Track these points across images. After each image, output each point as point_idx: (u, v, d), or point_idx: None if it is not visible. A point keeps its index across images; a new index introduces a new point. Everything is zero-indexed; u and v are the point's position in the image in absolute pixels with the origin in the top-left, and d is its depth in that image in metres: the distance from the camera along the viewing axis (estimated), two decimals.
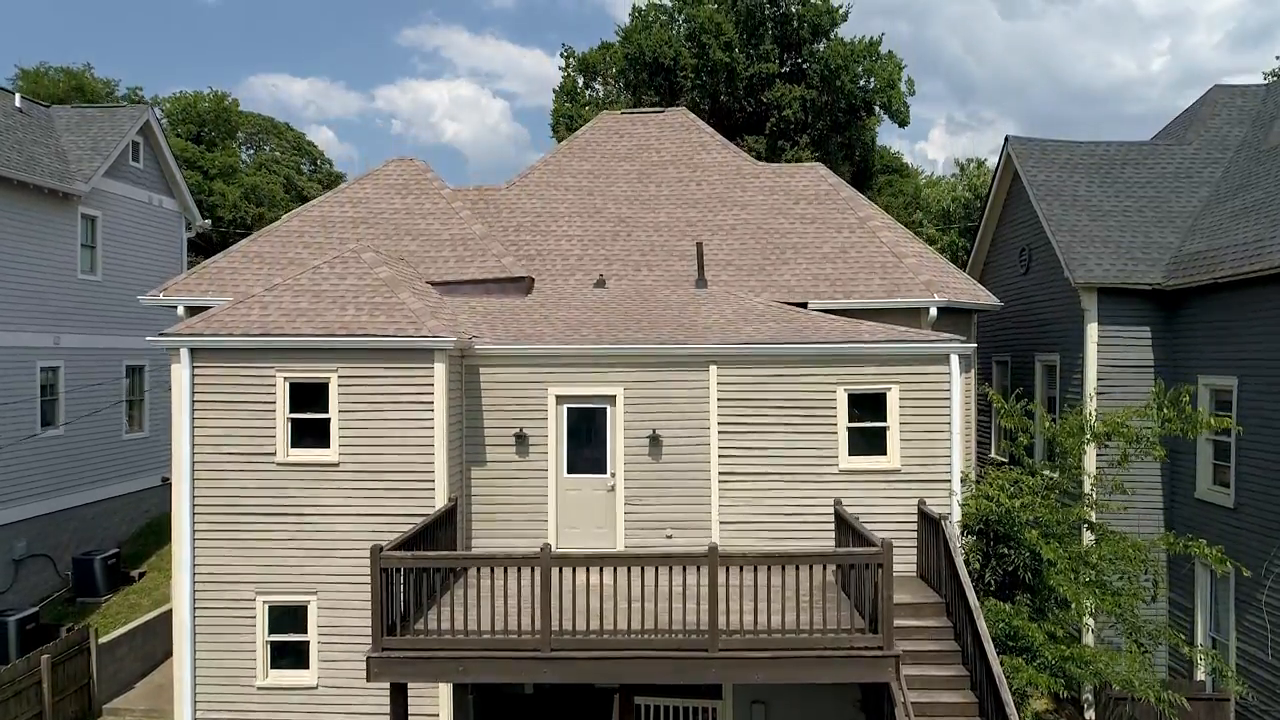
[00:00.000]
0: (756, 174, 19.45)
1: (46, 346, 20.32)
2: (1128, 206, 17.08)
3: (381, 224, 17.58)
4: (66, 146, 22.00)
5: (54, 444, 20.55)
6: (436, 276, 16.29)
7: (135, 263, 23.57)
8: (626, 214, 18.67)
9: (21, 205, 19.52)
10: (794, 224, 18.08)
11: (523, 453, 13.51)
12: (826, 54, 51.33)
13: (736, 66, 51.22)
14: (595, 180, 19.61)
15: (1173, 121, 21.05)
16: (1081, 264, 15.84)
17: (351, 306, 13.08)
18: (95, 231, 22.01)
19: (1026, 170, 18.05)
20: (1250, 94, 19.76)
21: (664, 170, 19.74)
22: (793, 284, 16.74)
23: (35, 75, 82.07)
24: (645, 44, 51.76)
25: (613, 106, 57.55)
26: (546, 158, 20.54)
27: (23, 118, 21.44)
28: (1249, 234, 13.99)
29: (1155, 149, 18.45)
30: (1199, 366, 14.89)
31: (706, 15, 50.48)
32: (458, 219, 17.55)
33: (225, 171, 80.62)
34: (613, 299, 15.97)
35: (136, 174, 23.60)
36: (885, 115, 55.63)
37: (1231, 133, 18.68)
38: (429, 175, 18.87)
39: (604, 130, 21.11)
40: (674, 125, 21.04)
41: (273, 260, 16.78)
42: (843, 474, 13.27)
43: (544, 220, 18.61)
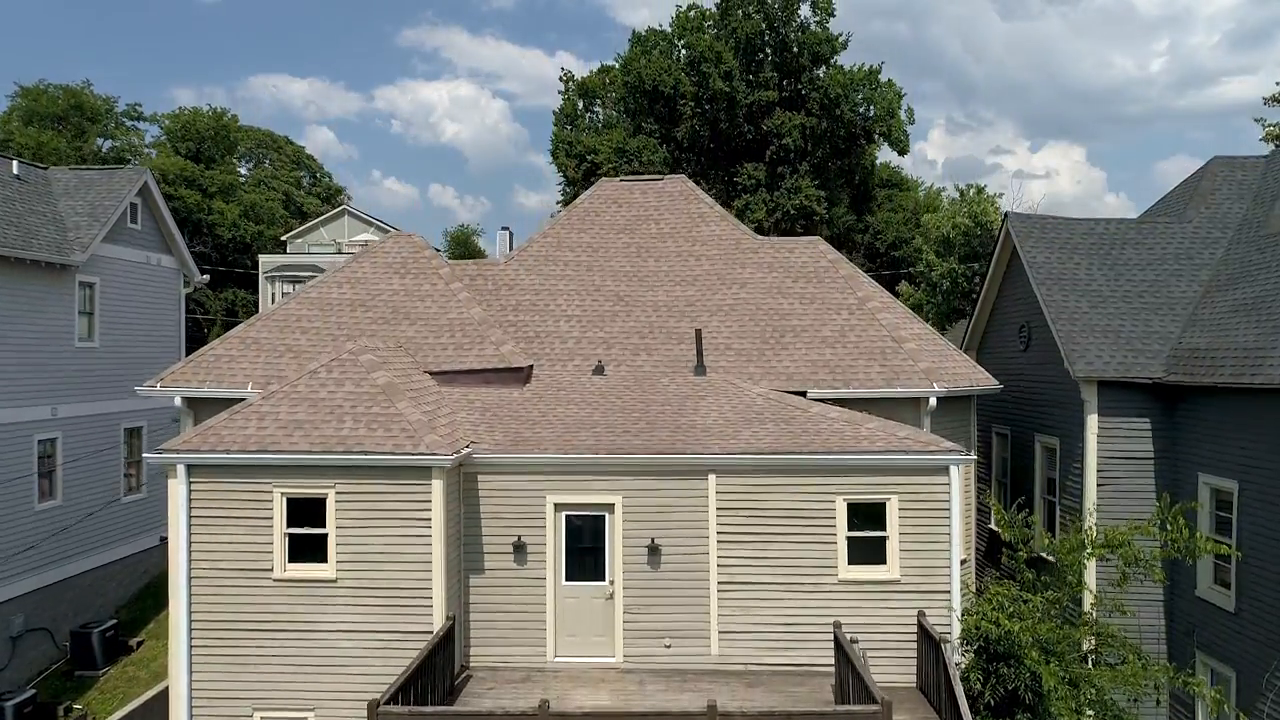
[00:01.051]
0: (756, 249, 19.40)
1: (44, 418, 20.27)
2: (1128, 291, 17.04)
3: (380, 306, 17.53)
4: (64, 212, 21.96)
5: (52, 516, 20.50)
6: (435, 366, 16.25)
7: (134, 324, 23.53)
8: (625, 291, 18.62)
9: (19, 279, 19.47)
10: (793, 304, 18.03)
11: (521, 561, 13.46)
12: (826, 82, 51.35)
13: (736, 95, 51.25)
14: (594, 254, 19.56)
15: (1174, 191, 21.02)
16: (1082, 355, 15.80)
17: (349, 419, 13.02)
18: (93, 298, 21.96)
19: (1026, 251, 18.00)
20: (1250, 167, 19.72)
21: (663, 243, 19.69)
22: (792, 371, 16.70)
23: (35, 92, 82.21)
24: (645, 72, 51.83)
25: (612, 131, 57.51)
26: (546, 229, 20.49)
27: (20, 185, 21.39)
28: (1249, 337, 13.95)
29: (1155, 228, 18.40)
30: (1199, 463, 14.84)
31: (706, 44, 50.51)
32: (456, 302, 17.50)
33: (225, 189, 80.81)
34: (611, 389, 15.92)
35: (134, 236, 23.55)
36: (885, 143, 55.69)
37: (1232, 209, 18.64)
38: (427, 253, 18.84)
39: (603, 199, 21.06)
40: (673, 194, 20.99)
41: (270, 347, 16.73)
42: (842, 584, 13.23)
43: (543, 298, 18.56)
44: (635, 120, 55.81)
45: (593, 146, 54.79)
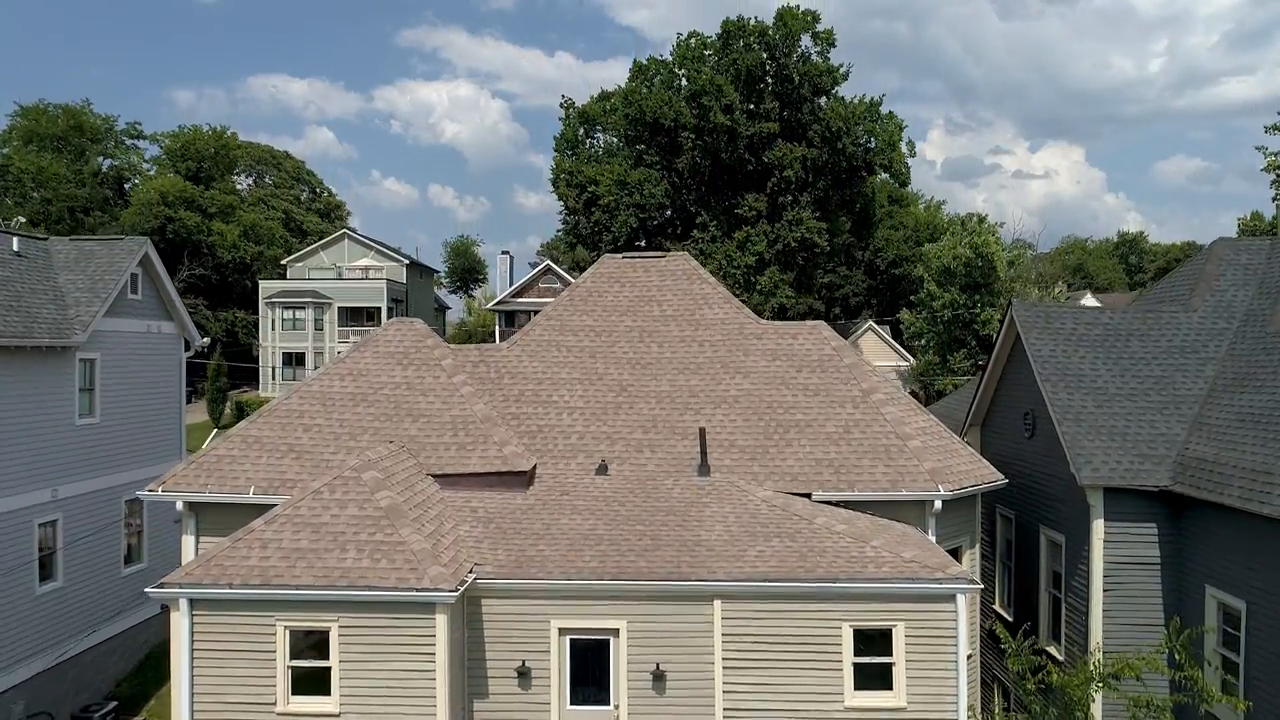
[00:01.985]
0: (759, 334, 19.33)
1: (44, 502, 20.19)
2: (1133, 389, 16.96)
3: (382, 401, 17.45)
4: (64, 287, 21.88)
5: (53, 599, 20.42)
6: (438, 468, 16.18)
7: (134, 395, 23.45)
8: (629, 380, 18.55)
9: (19, 365, 19.39)
10: (797, 396, 17.96)
11: (525, 686, 13.39)
12: (828, 115, 51.33)
13: (737, 126, 51.23)
14: (597, 339, 19.49)
15: (1179, 271, 20.95)
16: (1088, 461, 15.72)
17: (352, 547, 12.95)
18: (93, 374, 21.88)
19: (1031, 344, 17.94)
20: (1254, 250, 19.65)
21: (666, 327, 19.62)
22: (796, 471, 16.62)
23: (35, 112, 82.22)
24: (646, 105, 51.84)
25: (613, 161, 57.45)
26: (548, 310, 20.40)
27: (20, 263, 21.31)
28: (1256, 456, 13.87)
29: (1160, 318, 18.34)
30: (1206, 575, 14.77)
31: (707, 78, 50.48)
32: (458, 397, 17.43)
33: (224, 210, 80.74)
34: (615, 493, 15.85)
35: (135, 306, 23.47)
36: (886, 174, 55.66)
37: (1237, 296, 18.57)
38: (429, 342, 18.76)
39: (605, 278, 20.97)
40: (675, 273, 20.91)
41: (272, 447, 16.65)
42: (848, 710, 13.16)
43: (545, 388, 18.49)
44: (636, 150, 55.84)
45: (593, 177, 54.82)
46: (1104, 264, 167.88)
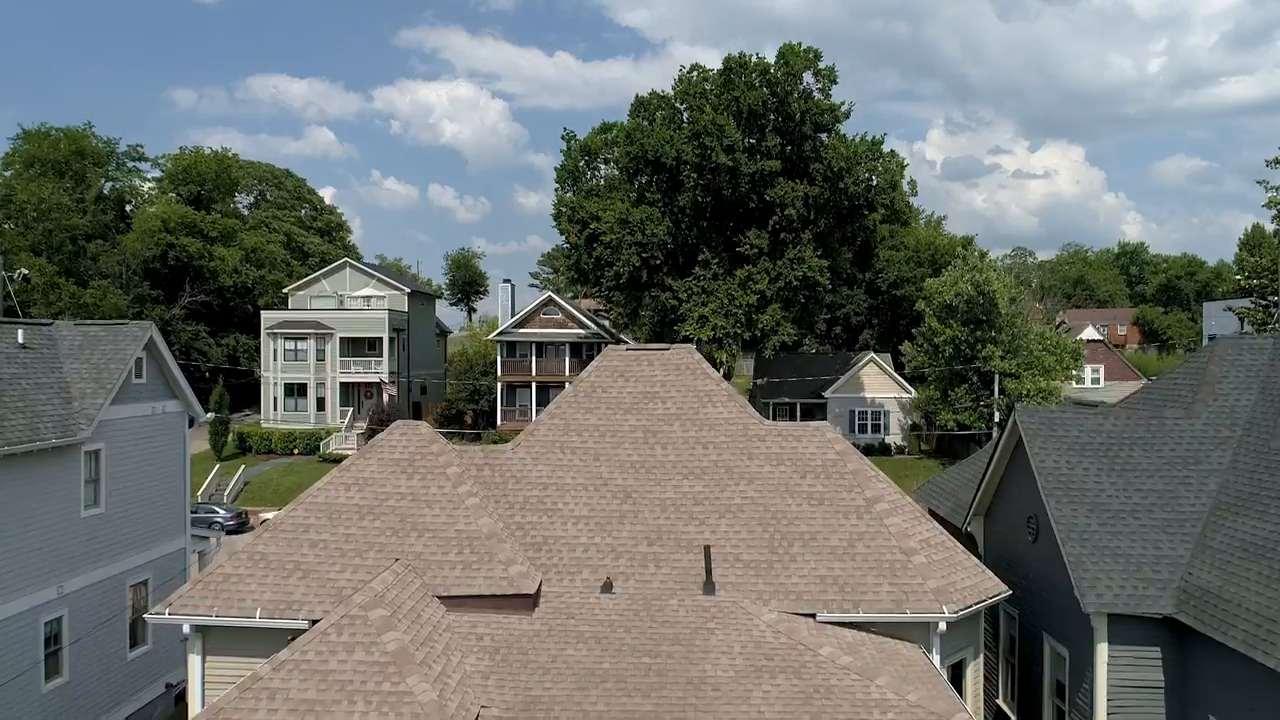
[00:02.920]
0: (763, 435, 19.39)
1: (50, 600, 20.25)
2: (1137, 504, 17.01)
3: (387, 514, 17.50)
4: (70, 376, 21.94)
5: (58, 696, 20.47)
6: (444, 589, 16.23)
7: (140, 478, 23.52)
8: (633, 486, 18.60)
9: (25, 467, 19.44)
10: (801, 505, 18.02)
11: None
12: (829, 154, 51.38)
13: (739, 165, 51.28)
14: (602, 440, 19.53)
15: (1182, 368, 21.03)
16: (1092, 586, 15.78)
17: (360, 699, 12.99)
18: (99, 463, 21.95)
19: (1034, 454, 17.99)
20: (1258, 349, 19.71)
21: (670, 427, 19.68)
22: (801, 590, 16.67)
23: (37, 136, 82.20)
24: (647, 143, 51.93)
25: (614, 193, 57.51)
26: (552, 409, 20.46)
27: (25, 355, 21.36)
28: (1260, 599, 13.92)
29: (1163, 425, 18.39)
30: (1210, 705, 14.83)
31: (709, 118, 50.53)
32: (464, 511, 17.48)
33: (225, 234, 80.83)
34: (621, 617, 15.91)
35: (139, 390, 23.54)
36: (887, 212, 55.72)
37: (1240, 401, 18.63)
38: (434, 448, 18.80)
39: (609, 371, 21.02)
40: (679, 367, 20.96)
41: (278, 565, 16.70)
42: None
43: (551, 494, 18.54)
44: (638, 185, 55.92)
45: (595, 213, 54.90)
46: (1105, 275, 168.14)
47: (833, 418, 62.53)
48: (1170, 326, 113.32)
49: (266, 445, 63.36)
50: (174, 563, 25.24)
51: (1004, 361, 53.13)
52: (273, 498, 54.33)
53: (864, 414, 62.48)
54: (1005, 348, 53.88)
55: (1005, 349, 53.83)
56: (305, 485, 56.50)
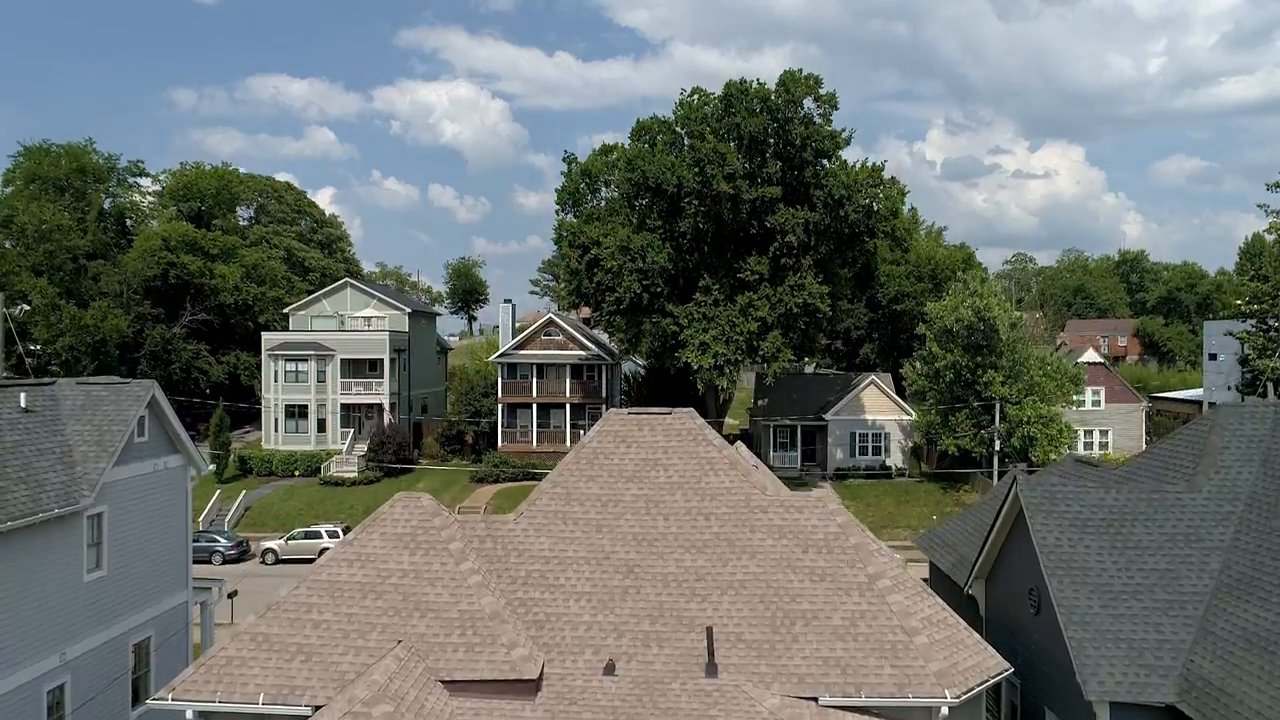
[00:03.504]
0: (765, 507, 19.39)
1: (52, 668, 20.26)
2: (1139, 584, 17.03)
3: (389, 592, 17.52)
4: (72, 439, 21.96)
5: None
6: (446, 672, 16.26)
7: (142, 536, 23.53)
8: (635, 560, 18.61)
9: (26, 538, 19.45)
10: (804, 581, 18.03)
11: None
12: (829, 181, 51.40)
13: (740, 192, 51.31)
14: (604, 510, 19.55)
15: (1184, 434, 21.01)
16: (1094, 674, 15.80)
17: None
18: (101, 527, 21.95)
19: (1036, 530, 18.01)
20: (1259, 418, 19.73)
21: (672, 496, 19.69)
22: (803, 672, 16.68)
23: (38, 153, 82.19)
24: (649, 170, 51.98)
25: (614, 218, 57.55)
26: (554, 476, 20.47)
27: (27, 420, 21.38)
28: (1263, 698, 13.93)
29: (1165, 500, 18.39)
30: None
31: (710, 145, 50.55)
32: (466, 589, 17.50)
33: (226, 251, 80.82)
34: (624, 703, 15.92)
35: (141, 449, 23.55)
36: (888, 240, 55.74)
37: (1242, 474, 18.65)
38: (435, 522, 18.81)
39: (611, 436, 21.04)
40: (680, 433, 20.97)
41: (281, 647, 16.73)
42: None
43: (553, 569, 18.55)
44: (638, 211, 55.96)
45: (596, 238, 54.94)
46: (1105, 283, 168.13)
47: (833, 440, 62.59)
48: (1171, 339, 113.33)
49: (267, 467, 63.36)
50: (176, 617, 25.25)
51: (1004, 387, 53.13)
52: (273, 523, 54.37)
53: (864, 436, 62.48)
54: (1006, 373, 53.89)
55: (1006, 374, 53.84)
56: (305, 510, 56.58)
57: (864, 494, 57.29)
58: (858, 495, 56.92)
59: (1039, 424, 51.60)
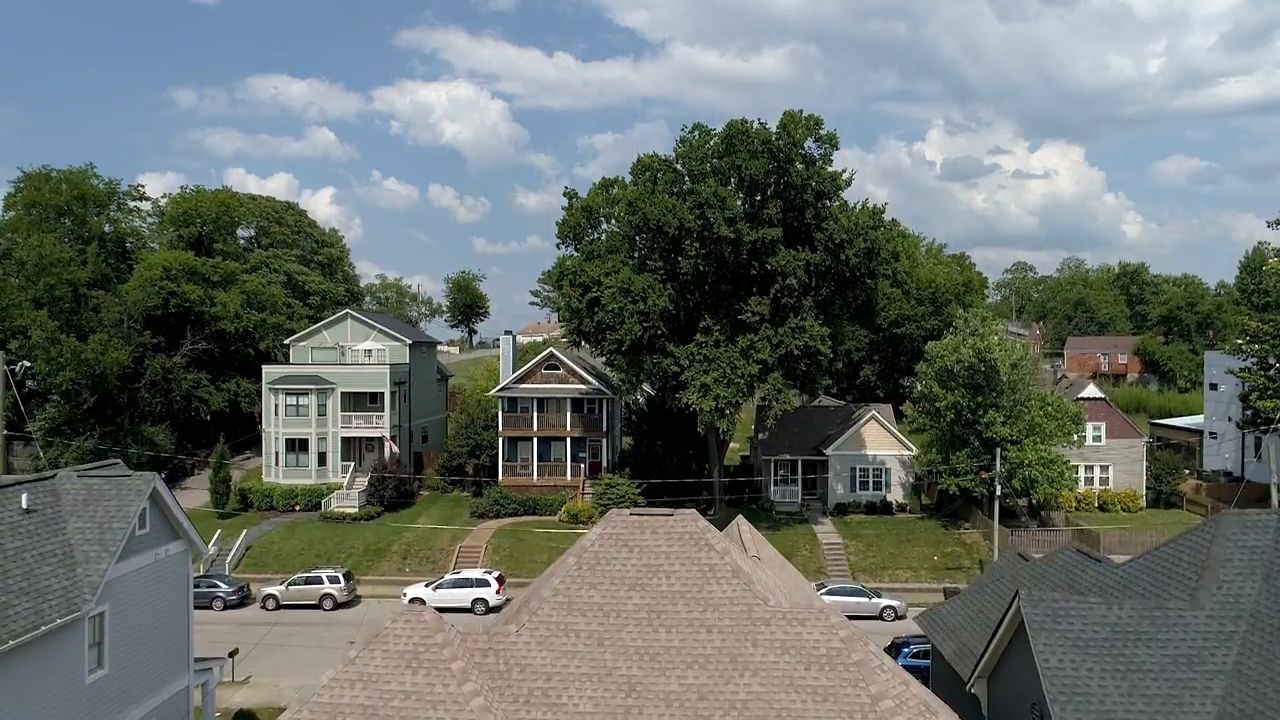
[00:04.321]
0: (767, 619, 19.37)
1: None
2: (1141, 711, 17.02)
3: (391, 716, 17.50)
4: (73, 538, 21.95)
5: None
6: None
7: (143, 628, 23.52)
8: (638, 678, 18.59)
9: (26, 650, 19.43)
10: (806, 702, 17.99)
11: None
12: (830, 226, 51.39)
13: (740, 234, 51.32)
14: (605, 620, 19.53)
15: (1186, 540, 20.99)
16: None
17: None
18: (102, 625, 21.94)
19: (1039, 650, 18.00)
20: (1261, 528, 19.74)
21: (674, 607, 19.67)
22: None
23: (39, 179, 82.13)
24: (650, 213, 51.98)
25: (615, 255, 57.48)
26: (556, 584, 20.43)
27: (29, 522, 21.37)
28: None
29: (1168, 618, 18.38)
30: None
31: (711, 190, 50.55)
32: (467, 713, 17.48)
33: (226, 278, 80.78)
34: None
35: (143, 541, 23.55)
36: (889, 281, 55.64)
37: (1244, 589, 18.65)
38: (437, 639, 18.78)
39: (613, 540, 21.03)
40: (683, 536, 20.96)
41: None
42: None
43: (555, 686, 18.53)
44: (639, 253, 55.97)
45: (596, 278, 54.95)
46: (1105, 296, 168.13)
47: (834, 475, 62.57)
48: (1172, 358, 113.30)
49: (268, 502, 63.34)
50: (178, 703, 25.25)
51: (1005, 427, 53.11)
52: (274, 564, 54.33)
53: (865, 471, 62.47)
54: (1007, 412, 53.87)
55: (1007, 414, 53.82)
56: (306, 549, 56.50)
57: (864, 532, 57.26)
58: (858, 534, 56.90)
59: (1040, 466, 51.56)
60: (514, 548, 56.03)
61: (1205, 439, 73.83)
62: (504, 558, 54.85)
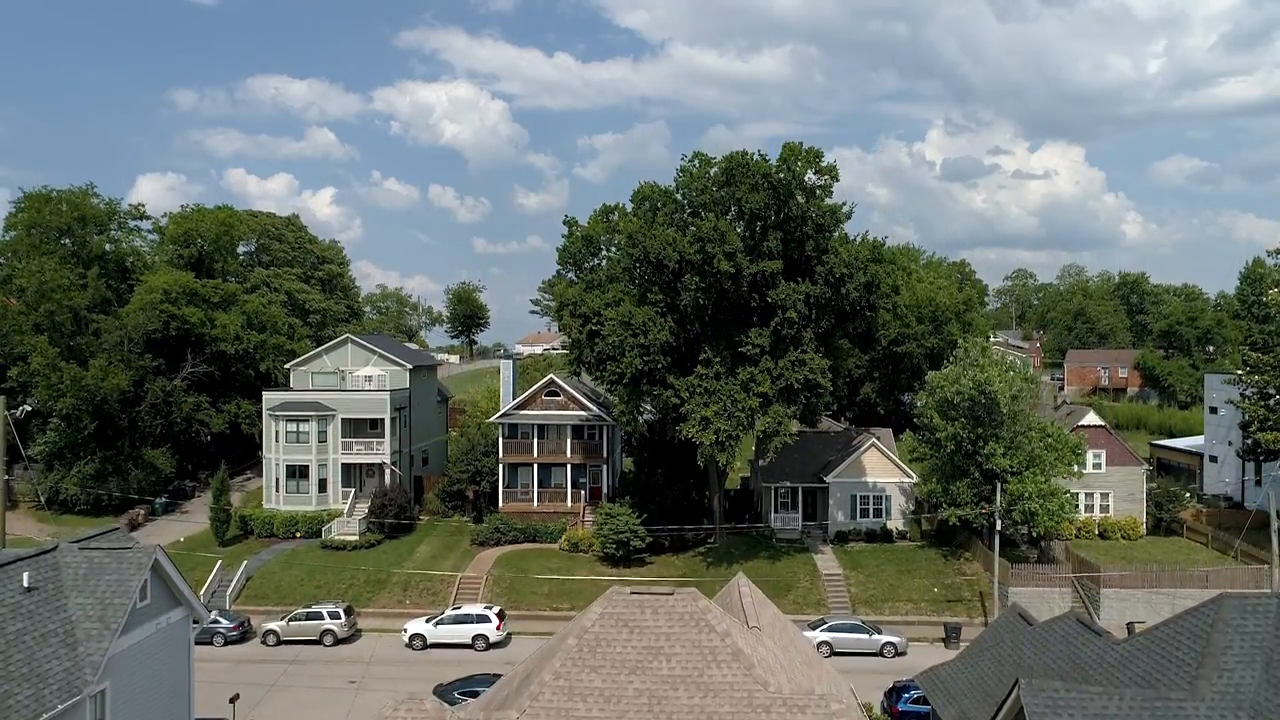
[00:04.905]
0: (767, 706, 19.40)
1: None
2: None
3: None
4: (74, 615, 21.97)
5: None
6: None
7: (144, 699, 23.53)
8: None
9: None
10: None
11: None
12: (830, 260, 51.44)
13: (741, 270, 51.36)
14: (606, 708, 19.54)
15: (1184, 621, 20.98)
16: None
17: None
18: (104, 703, 21.96)
19: None
20: (1261, 612, 19.76)
21: (675, 693, 19.69)
22: None
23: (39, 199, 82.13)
24: (650, 246, 52.01)
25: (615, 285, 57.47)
26: (557, 668, 20.46)
27: (30, 600, 21.40)
28: None
29: (1168, 707, 18.39)
30: None
31: (711, 225, 50.60)
32: None
33: (227, 299, 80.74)
34: None
35: (144, 612, 23.59)
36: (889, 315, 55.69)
37: (1244, 678, 18.68)
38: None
39: (613, 620, 21.05)
40: (683, 617, 20.99)
41: None
42: None
43: None
44: (639, 285, 56.01)
45: (597, 309, 55.01)
46: (1105, 307, 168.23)
47: (834, 502, 62.60)
48: (1172, 374, 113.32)
49: (269, 529, 63.38)
50: None
51: (1005, 459, 53.14)
52: (275, 596, 54.34)
53: (865, 498, 62.49)
54: (1007, 443, 53.91)
55: (1007, 445, 53.86)
56: (307, 580, 56.58)
57: (865, 562, 57.29)
58: (859, 564, 56.93)
59: (1040, 499, 51.58)
60: (514, 579, 56.04)
61: (1205, 462, 73.79)
62: (504, 590, 54.88)
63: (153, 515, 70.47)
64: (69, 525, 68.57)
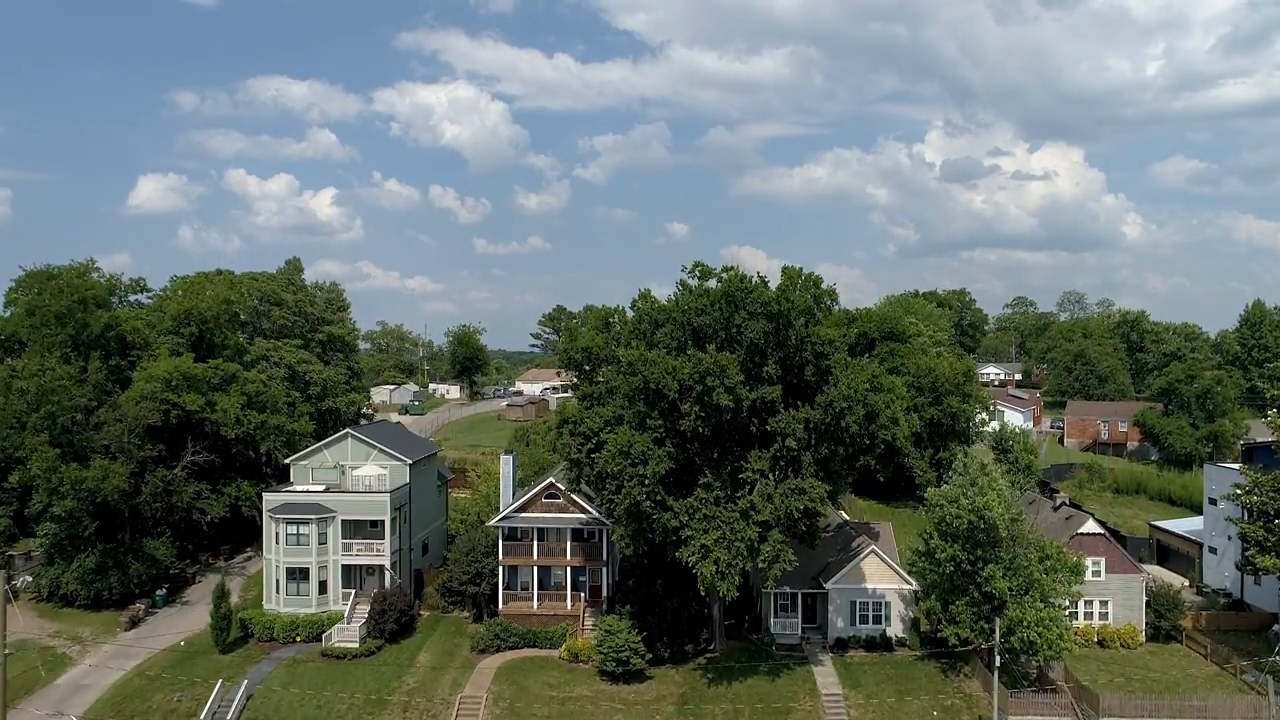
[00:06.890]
0: None
1: None
2: None
3: None
4: None
5: None
6: None
7: None
8: None
9: None
10: None
11: None
12: (830, 393, 51.54)
13: (740, 398, 51.53)
14: None
15: None
16: None
17: None
18: None
19: None
20: None
21: None
22: None
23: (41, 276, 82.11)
24: (649, 374, 52.18)
25: (614, 401, 57.58)
26: None
27: None
28: None
29: None
30: None
31: (711, 360, 50.76)
32: None
33: (226, 380, 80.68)
34: None
35: None
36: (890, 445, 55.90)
37: None
38: None
39: None
40: None
41: None
42: None
43: None
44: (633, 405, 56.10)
45: (595, 429, 55.13)
46: (1105, 347, 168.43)
47: (834, 608, 62.71)
48: (1171, 432, 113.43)
49: (269, 633, 63.46)
50: None
51: (1004, 581, 53.30)
52: (275, 719, 54.40)
53: (865, 605, 62.61)
54: (1006, 565, 54.12)
55: (1006, 566, 54.07)
56: (308, 700, 56.58)
57: (864, 678, 57.38)
58: (858, 681, 57.01)
59: (1038, 628, 51.72)
60: (515, 696, 56.11)
61: (1205, 552, 73.87)
62: (504, 710, 54.94)
63: (153, 609, 70.54)
64: (70, 622, 68.68)
